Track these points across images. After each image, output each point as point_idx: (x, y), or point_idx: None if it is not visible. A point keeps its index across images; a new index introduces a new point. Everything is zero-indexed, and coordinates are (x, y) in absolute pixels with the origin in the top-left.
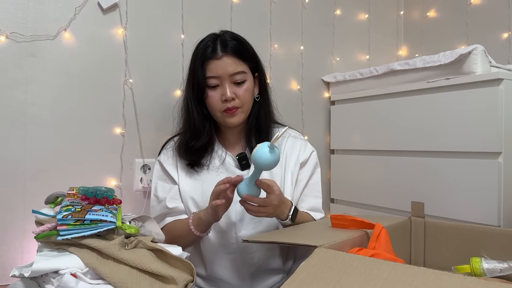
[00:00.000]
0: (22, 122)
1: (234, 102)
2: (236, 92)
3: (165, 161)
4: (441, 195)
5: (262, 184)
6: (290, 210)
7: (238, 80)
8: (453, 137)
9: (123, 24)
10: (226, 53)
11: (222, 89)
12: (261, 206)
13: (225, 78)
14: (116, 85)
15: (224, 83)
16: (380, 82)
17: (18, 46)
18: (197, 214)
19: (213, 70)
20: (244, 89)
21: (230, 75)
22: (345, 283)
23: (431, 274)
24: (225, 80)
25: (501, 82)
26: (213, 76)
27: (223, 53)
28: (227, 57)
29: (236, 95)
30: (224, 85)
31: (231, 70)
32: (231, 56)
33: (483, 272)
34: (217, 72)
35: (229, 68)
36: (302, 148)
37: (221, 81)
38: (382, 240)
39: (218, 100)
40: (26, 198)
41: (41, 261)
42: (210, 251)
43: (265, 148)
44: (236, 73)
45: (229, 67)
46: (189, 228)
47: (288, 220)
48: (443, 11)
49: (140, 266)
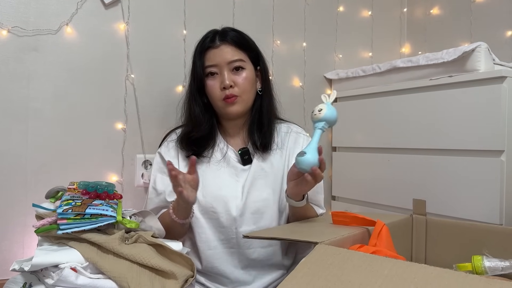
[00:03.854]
0: (23, 117)
1: (233, 90)
2: (235, 80)
3: (166, 153)
4: (443, 193)
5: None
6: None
7: (237, 65)
8: (456, 135)
9: (125, 19)
10: (224, 42)
11: (221, 77)
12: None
13: (223, 65)
14: (118, 80)
15: (223, 70)
16: (383, 79)
17: (20, 40)
18: (175, 201)
19: (211, 59)
20: (243, 77)
21: (228, 62)
22: (345, 280)
23: (432, 272)
24: (224, 68)
25: (504, 80)
26: (212, 64)
27: (221, 42)
28: (225, 46)
29: (235, 83)
30: (223, 73)
31: (229, 58)
32: (229, 45)
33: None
34: (215, 60)
35: (227, 55)
36: (305, 143)
37: (220, 69)
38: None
39: (217, 89)
40: (27, 192)
41: (41, 255)
42: (208, 246)
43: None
44: (234, 61)
45: (227, 54)
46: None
47: (304, 199)
48: (446, 8)
49: (140, 261)
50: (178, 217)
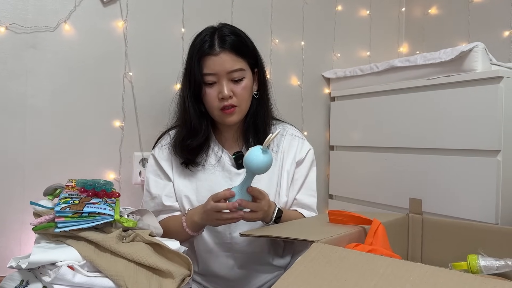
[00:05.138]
0: (21, 114)
1: (232, 100)
2: (234, 90)
3: (160, 157)
4: (439, 192)
5: (255, 191)
6: (274, 212)
7: (236, 77)
8: (453, 134)
9: (124, 16)
10: (224, 49)
11: (219, 87)
12: (252, 212)
13: (222, 75)
14: (116, 78)
15: (222, 80)
16: (381, 78)
17: (18, 37)
18: (190, 216)
19: (210, 67)
20: (242, 87)
21: (228, 72)
22: (342, 278)
23: (427, 270)
24: (223, 77)
25: (501, 80)
26: (210, 73)
27: (221, 49)
28: (225, 54)
29: (233, 93)
30: (222, 83)
31: (229, 67)
32: (229, 53)
33: (479, 269)
34: (214, 69)
35: (226, 65)
36: (299, 146)
37: (218, 78)
38: (380, 236)
39: (215, 98)
40: (25, 190)
41: (38, 253)
42: (204, 249)
43: (258, 151)
44: (234, 71)
45: (226, 64)
46: (183, 227)
47: (271, 222)
48: (444, 8)
49: (138, 259)
50: (192, 230)
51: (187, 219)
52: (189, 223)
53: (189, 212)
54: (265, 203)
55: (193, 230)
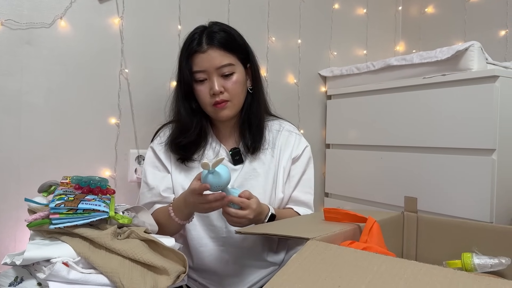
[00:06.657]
0: (16, 111)
1: (223, 95)
2: (225, 85)
3: (159, 150)
4: (434, 191)
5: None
6: (267, 217)
7: (226, 72)
8: (448, 133)
9: (120, 13)
10: (212, 46)
11: (210, 83)
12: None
13: (211, 71)
14: (112, 75)
15: (212, 76)
16: (377, 77)
17: (13, 33)
18: (176, 204)
19: (198, 64)
20: (233, 81)
21: (217, 68)
22: (336, 276)
23: (421, 268)
24: (212, 74)
25: (497, 79)
26: (200, 70)
27: (208, 46)
28: (213, 50)
29: (224, 88)
30: (212, 79)
31: (218, 63)
32: (217, 49)
33: (474, 267)
34: (203, 65)
35: (215, 61)
36: (296, 143)
37: (208, 74)
38: (374, 233)
39: (206, 94)
40: (19, 186)
41: (32, 250)
42: (199, 243)
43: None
44: (223, 66)
45: (215, 60)
46: (170, 216)
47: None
48: (441, 7)
49: (133, 256)
50: (180, 218)
51: (173, 206)
52: (175, 209)
53: (175, 200)
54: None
55: (181, 217)
